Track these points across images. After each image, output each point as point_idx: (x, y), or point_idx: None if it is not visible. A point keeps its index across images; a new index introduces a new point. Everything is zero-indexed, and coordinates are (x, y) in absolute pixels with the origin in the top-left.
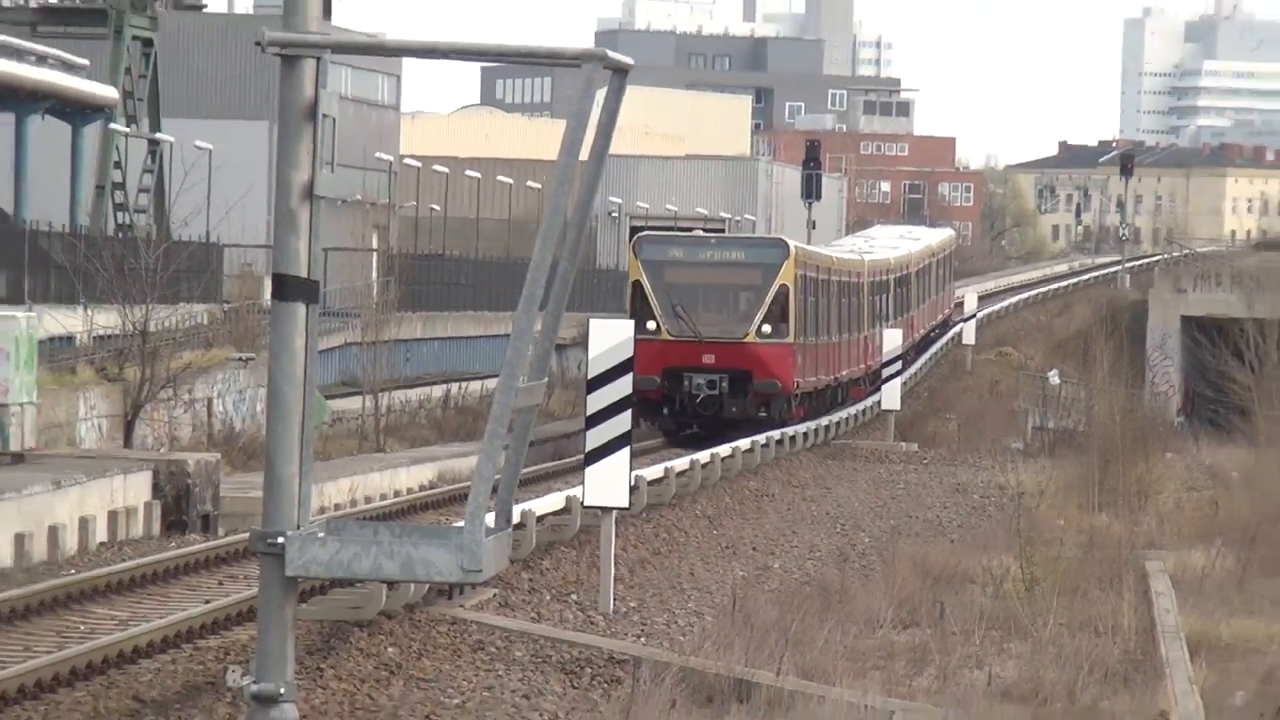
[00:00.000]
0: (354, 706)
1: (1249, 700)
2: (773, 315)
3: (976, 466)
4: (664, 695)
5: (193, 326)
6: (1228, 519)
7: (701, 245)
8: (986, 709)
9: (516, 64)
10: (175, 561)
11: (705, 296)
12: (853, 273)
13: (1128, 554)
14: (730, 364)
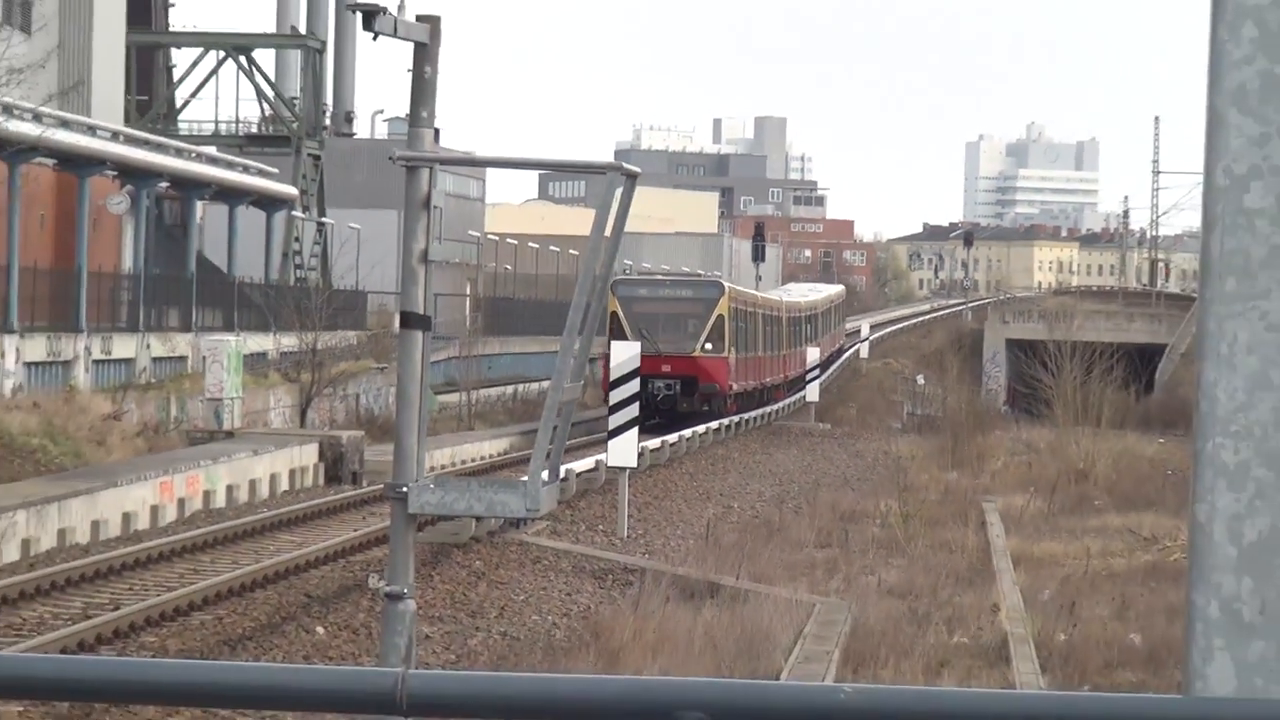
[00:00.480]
0: (453, 601)
1: (1052, 594)
2: (713, 336)
3: (869, 439)
4: (660, 593)
5: (346, 346)
6: (1038, 475)
7: (661, 285)
8: (877, 601)
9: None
10: (333, 503)
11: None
12: (774, 308)
13: (971, 498)
14: (682, 371)
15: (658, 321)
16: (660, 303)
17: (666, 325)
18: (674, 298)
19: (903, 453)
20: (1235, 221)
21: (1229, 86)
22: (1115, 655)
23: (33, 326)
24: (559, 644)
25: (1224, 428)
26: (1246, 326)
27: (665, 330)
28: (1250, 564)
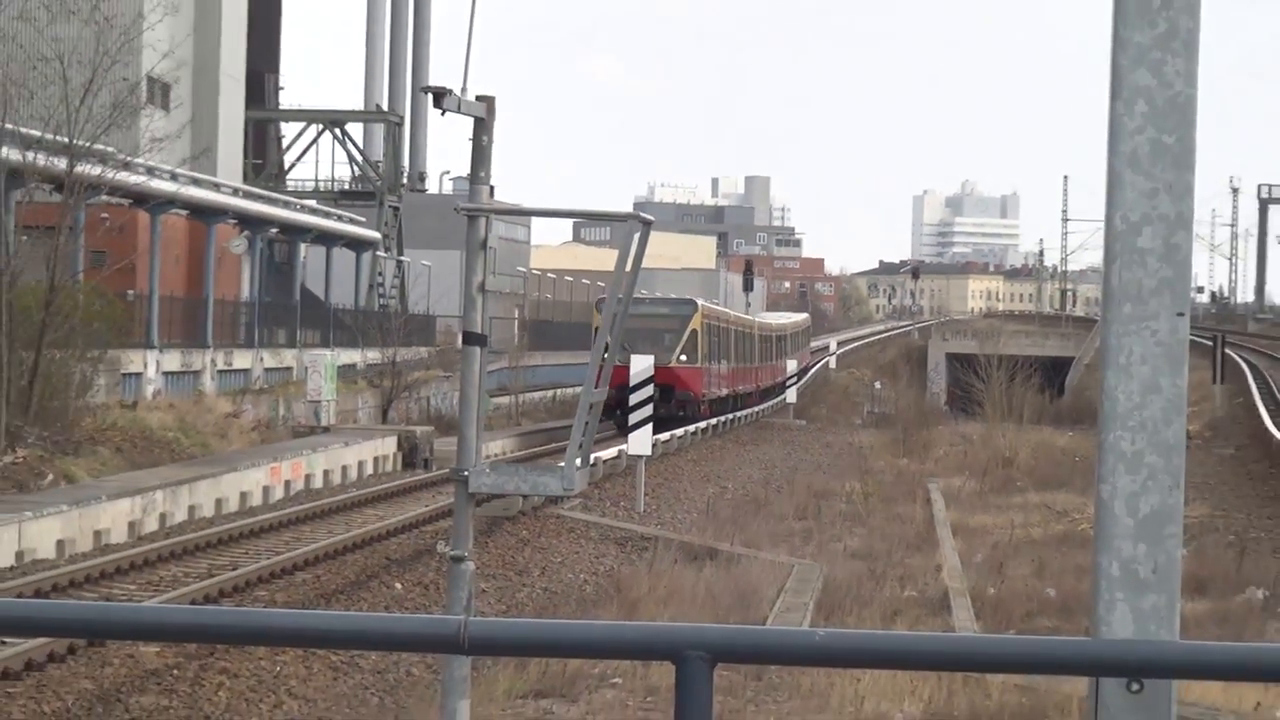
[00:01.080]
0: (504, 563)
1: (984, 557)
2: (688, 348)
3: (837, 433)
4: (670, 556)
5: (419, 359)
6: (972, 461)
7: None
8: (844, 562)
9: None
10: (409, 485)
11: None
12: (747, 325)
13: (918, 480)
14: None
15: (638, 335)
16: (640, 319)
17: (646, 339)
18: (653, 314)
19: (864, 443)
20: (1131, 258)
21: (1125, 150)
22: (1035, 606)
23: (169, 343)
24: (589, 597)
25: (1122, 423)
26: (1140, 342)
27: (645, 343)
28: (1144, 533)
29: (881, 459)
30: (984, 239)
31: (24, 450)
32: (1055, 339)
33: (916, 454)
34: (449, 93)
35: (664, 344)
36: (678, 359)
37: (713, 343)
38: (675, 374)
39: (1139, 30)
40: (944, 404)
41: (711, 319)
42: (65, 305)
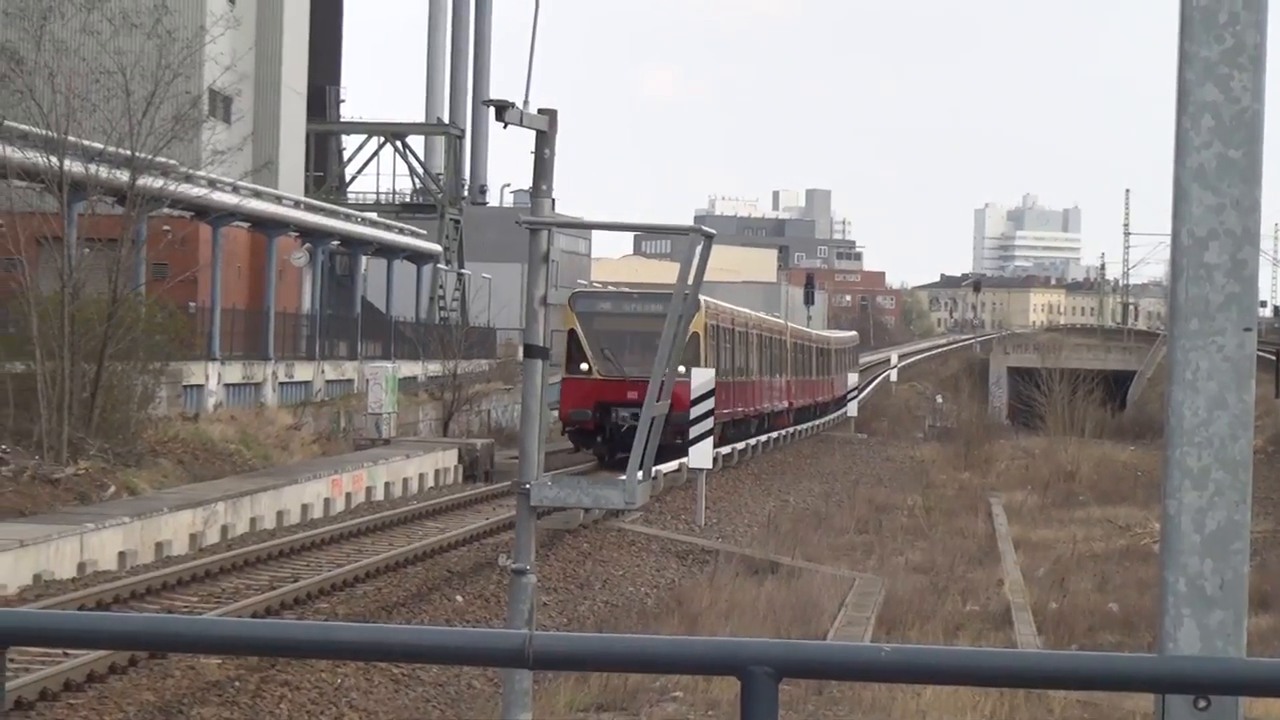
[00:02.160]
0: (565, 576)
1: (1046, 571)
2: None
3: (898, 447)
4: (731, 570)
5: (479, 371)
6: (1034, 475)
7: (625, 299)
8: (904, 576)
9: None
10: (469, 497)
11: (629, 342)
12: (775, 331)
13: (980, 494)
14: None
15: (623, 341)
16: (626, 319)
17: (633, 345)
18: (641, 314)
19: (925, 457)
20: (1197, 274)
21: (1191, 166)
22: (1097, 620)
23: (231, 355)
24: (650, 610)
25: (1189, 439)
26: (1206, 358)
27: (631, 351)
28: (1211, 548)
29: (943, 473)
30: (1045, 252)
31: (86, 462)
32: (1117, 353)
33: (978, 468)
34: (511, 106)
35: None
36: None
37: (724, 351)
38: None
39: (1205, 46)
40: (1005, 418)
41: (721, 321)
42: (127, 317)
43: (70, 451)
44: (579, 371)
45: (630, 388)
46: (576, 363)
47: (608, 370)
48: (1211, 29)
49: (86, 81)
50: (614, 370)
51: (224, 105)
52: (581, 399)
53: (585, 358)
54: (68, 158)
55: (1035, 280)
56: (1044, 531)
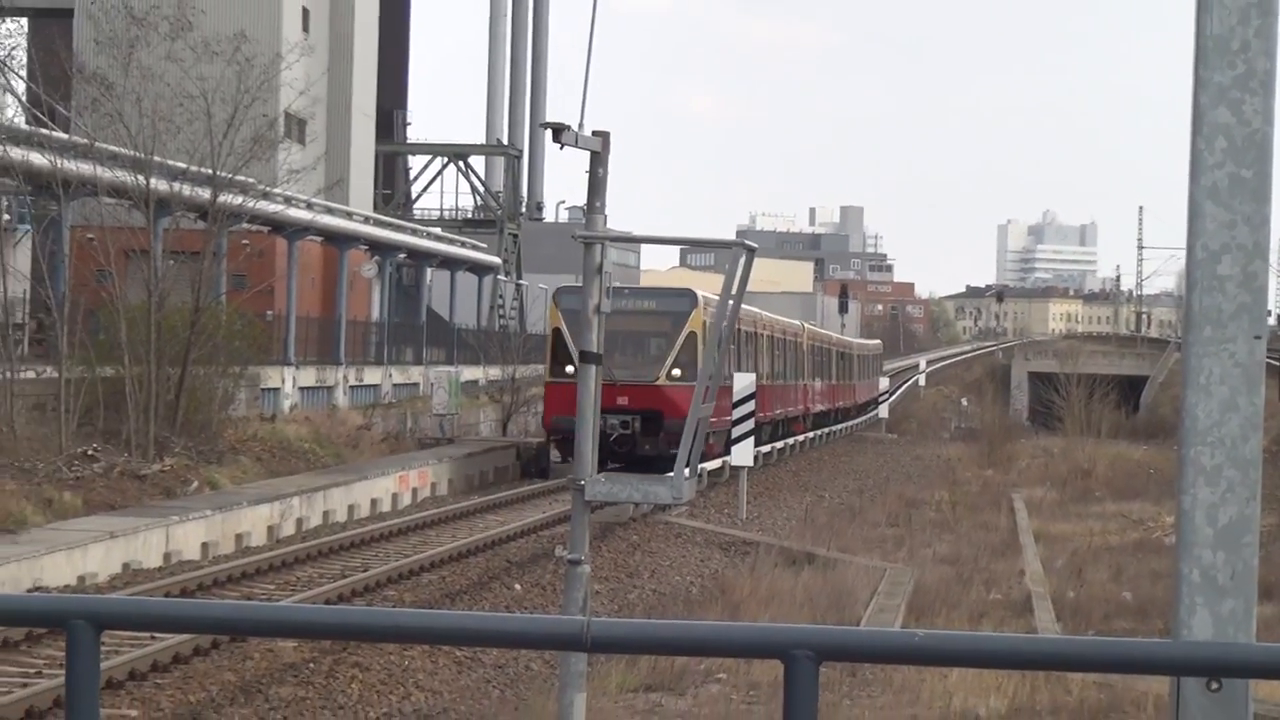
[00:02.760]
0: (616, 566)
1: (1064, 563)
2: (683, 360)
3: (926, 446)
4: (770, 560)
5: (536, 375)
6: (1052, 473)
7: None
8: (933, 567)
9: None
10: (527, 493)
11: (620, 342)
12: (789, 333)
13: (1002, 490)
14: (643, 405)
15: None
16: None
17: (624, 346)
18: (633, 311)
19: (951, 456)
20: (1210, 285)
21: (1205, 184)
22: (1112, 609)
23: (305, 360)
24: (695, 598)
25: (1202, 439)
26: (1219, 364)
27: (622, 352)
28: (1223, 541)
29: (968, 470)
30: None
31: (171, 459)
32: (1131, 359)
33: (1000, 466)
34: (567, 128)
35: (648, 354)
36: (668, 374)
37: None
38: (665, 396)
39: (1219, 71)
40: (1026, 419)
41: None
42: (209, 325)
43: (156, 449)
44: (564, 375)
45: (620, 392)
46: (561, 365)
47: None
48: (1225, 56)
49: (171, 105)
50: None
51: (299, 127)
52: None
53: (571, 360)
54: (154, 176)
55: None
56: (1062, 525)
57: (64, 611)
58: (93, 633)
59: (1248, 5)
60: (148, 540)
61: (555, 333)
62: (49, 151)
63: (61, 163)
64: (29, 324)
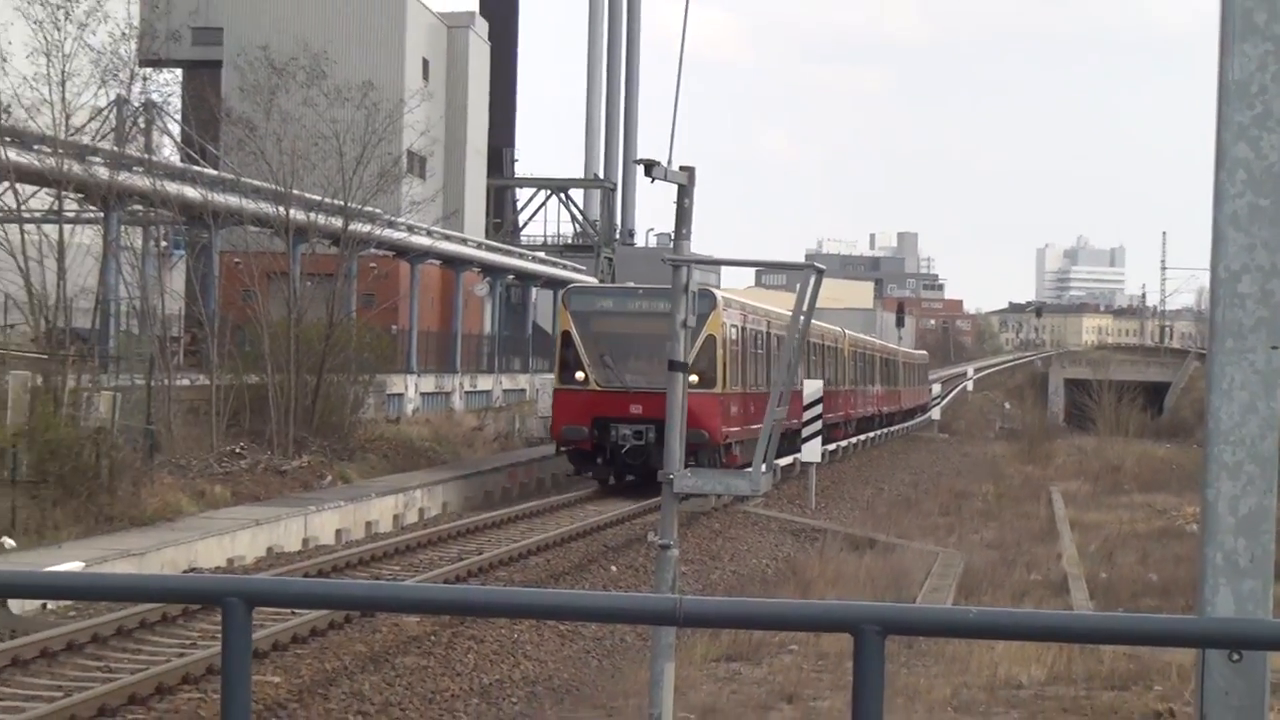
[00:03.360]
0: (700, 550)
1: (1096, 548)
2: (701, 364)
3: (974, 445)
4: (837, 545)
5: None
6: (1087, 468)
7: (629, 296)
8: (980, 551)
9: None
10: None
11: (633, 347)
12: (827, 338)
13: (1041, 484)
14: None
15: (626, 345)
16: (629, 320)
17: (639, 351)
18: (647, 313)
19: (996, 453)
20: (1232, 302)
21: (1227, 212)
22: (1140, 588)
23: (425, 369)
24: (770, 578)
25: (1225, 438)
26: (1240, 371)
27: (635, 357)
28: (1243, 529)
29: (1011, 466)
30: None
31: (308, 456)
32: (1155, 367)
33: (1040, 462)
34: (657, 164)
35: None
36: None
37: (749, 356)
38: None
39: (1239, 111)
40: (1062, 421)
41: (744, 319)
42: (341, 338)
43: (295, 448)
44: (574, 382)
45: (634, 400)
46: (571, 371)
47: (607, 380)
48: (1245, 98)
49: (307, 145)
50: (614, 380)
51: (419, 164)
52: (577, 414)
53: (581, 365)
54: (292, 208)
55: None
56: (1095, 515)
57: (220, 590)
58: (245, 609)
59: (1265, 54)
60: (288, 527)
61: (565, 336)
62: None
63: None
64: (184, 338)
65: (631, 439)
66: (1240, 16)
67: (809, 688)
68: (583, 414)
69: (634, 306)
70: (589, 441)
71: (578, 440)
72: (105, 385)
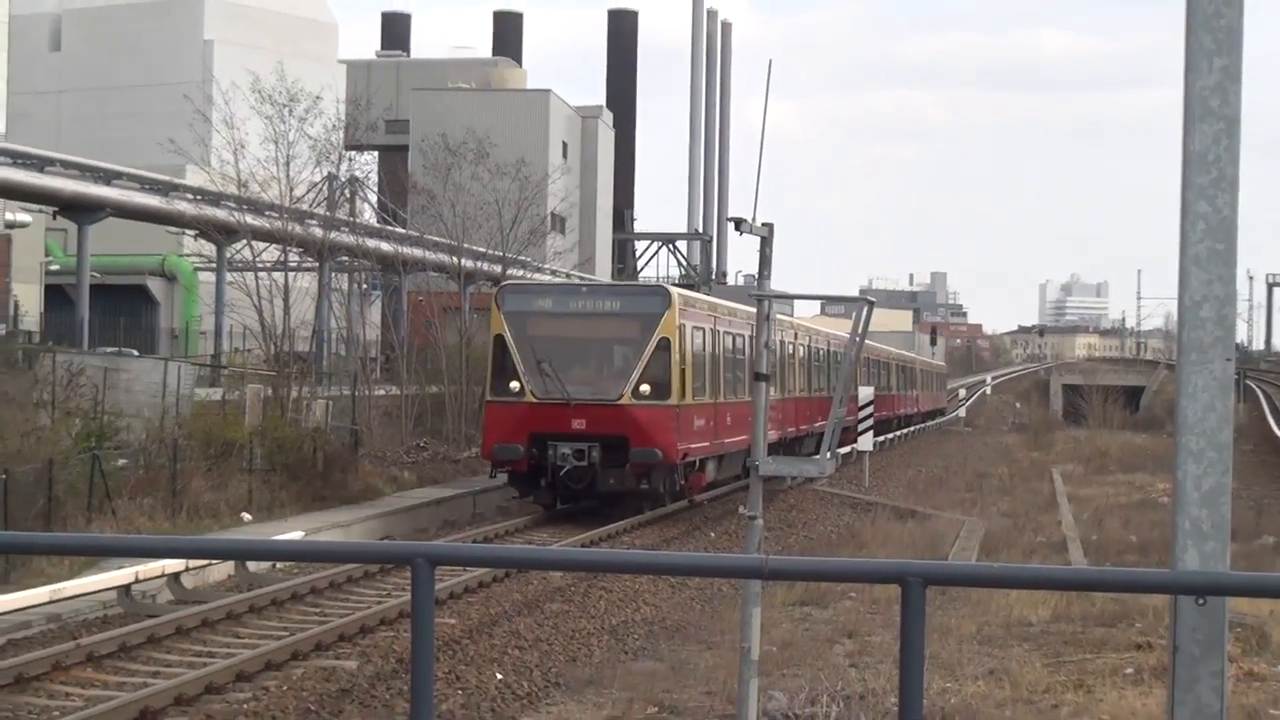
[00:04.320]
0: (779, 520)
1: (1089, 516)
2: (654, 373)
3: (992, 436)
4: (886, 515)
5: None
6: (1080, 453)
7: (572, 295)
8: (997, 519)
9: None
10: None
11: (575, 353)
12: (835, 344)
13: (1045, 466)
14: (603, 429)
15: (568, 352)
16: (571, 322)
17: (581, 358)
18: (592, 314)
19: (1008, 443)
20: (1195, 324)
21: (1190, 254)
22: (1123, 547)
23: None
24: (833, 541)
25: (1190, 430)
26: (1202, 378)
27: (578, 365)
28: (1206, 502)
29: (1021, 453)
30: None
31: (474, 449)
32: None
33: (1043, 449)
34: (744, 221)
35: (611, 367)
36: (635, 391)
37: (721, 362)
38: (633, 419)
39: (1199, 175)
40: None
41: (702, 318)
42: None
43: (465, 442)
44: (508, 393)
45: (576, 414)
46: (505, 381)
47: (546, 391)
48: (1203, 166)
49: (474, 209)
50: (554, 391)
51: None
52: (511, 430)
53: (516, 374)
54: (463, 258)
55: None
56: (1087, 490)
57: (410, 553)
58: (429, 568)
59: (1219, 131)
60: (460, 504)
61: (498, 340)
62: (393, 242)
63: (401, 249)
64: (380, 358)
65: (573, 459)
66: (1199, 102)
67: (865, 626)
68: (518, 430)
69: (577, 307)
70: (525, 461)
71: (512, 460)
72: (320, 395)
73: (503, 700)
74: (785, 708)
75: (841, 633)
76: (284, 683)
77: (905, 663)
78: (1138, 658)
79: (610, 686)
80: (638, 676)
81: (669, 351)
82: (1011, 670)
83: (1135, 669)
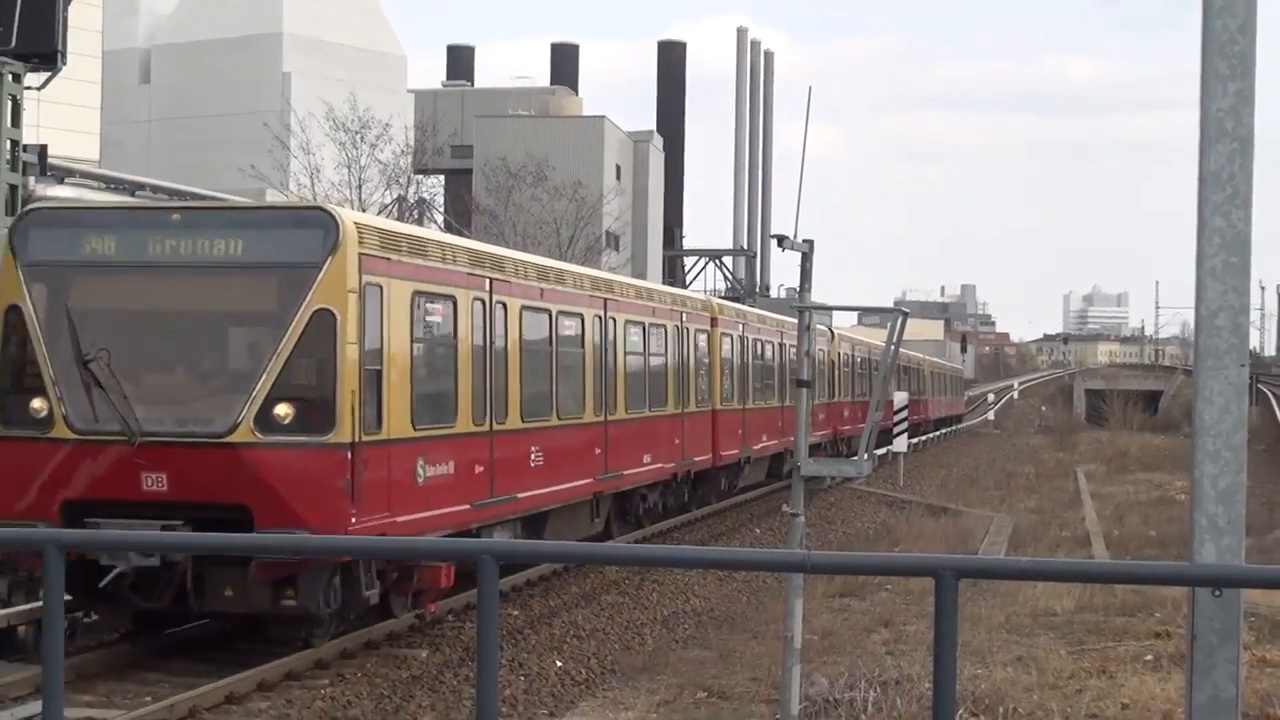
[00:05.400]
0: (820, 517)
1: (1111, 512)
2: (297, 379)
3: (1019, 438)
4: (920, 512)
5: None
6: (1102, 454)
7: (153, 227)
8: (1024, 515)
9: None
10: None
11: (157, 342)
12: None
13: (1069, 465)
14: (202, 493)
15: (142, 340)
16: (149, 280)
17: (165, 352)
18: (190, 264)
19: (1035, 444)
20: (1212, 332)
21: (1208, 267)
22: (1143, 542)
23: None
24: (870, 536)
25: (1207, 432)
26: (1218, 383)
27: (161, 367)
28: (1222, 499)
29: (1046, 453)
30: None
31: None
32: (1152, 379)
33: (1068, 450)
34: (787, 238)
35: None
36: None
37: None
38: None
39: (1215, 193)
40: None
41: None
42: None
43: None
44: (25, 421)
45: (150, 465)
46: (18, 396)
47: (94, 419)
48: (1219, 184)
49: (534, 228)
50: (110, 419)
51: (614, 241)
52: (22, 494)
53: (41, 386)
54: None
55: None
56: (1110, 488)
57: (477, 550)
58: (494, 564)
59: (1233, 150)
60: None
61: (9, 317)
62: None
63: None
64: None
65: (135, 559)
66: (1214, 124)
67: (900, 616)
68: (40, 496)
69: (161, 250)
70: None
71: (15, 546)
72: None
73: (562, 686)
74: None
75: (878, 622)
76: (359, 670)
77: (939, 650)
78: (1157, 645)
79: (662, 673)
80: (688, 664)
81: (334, 333)
82: (1038, 657)
83: (1155, 656)
